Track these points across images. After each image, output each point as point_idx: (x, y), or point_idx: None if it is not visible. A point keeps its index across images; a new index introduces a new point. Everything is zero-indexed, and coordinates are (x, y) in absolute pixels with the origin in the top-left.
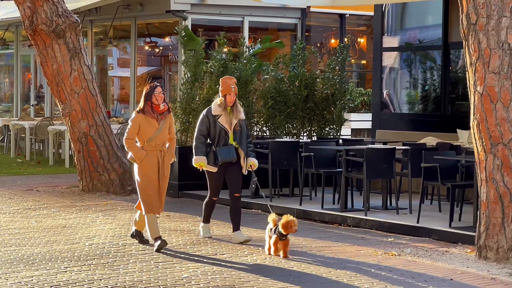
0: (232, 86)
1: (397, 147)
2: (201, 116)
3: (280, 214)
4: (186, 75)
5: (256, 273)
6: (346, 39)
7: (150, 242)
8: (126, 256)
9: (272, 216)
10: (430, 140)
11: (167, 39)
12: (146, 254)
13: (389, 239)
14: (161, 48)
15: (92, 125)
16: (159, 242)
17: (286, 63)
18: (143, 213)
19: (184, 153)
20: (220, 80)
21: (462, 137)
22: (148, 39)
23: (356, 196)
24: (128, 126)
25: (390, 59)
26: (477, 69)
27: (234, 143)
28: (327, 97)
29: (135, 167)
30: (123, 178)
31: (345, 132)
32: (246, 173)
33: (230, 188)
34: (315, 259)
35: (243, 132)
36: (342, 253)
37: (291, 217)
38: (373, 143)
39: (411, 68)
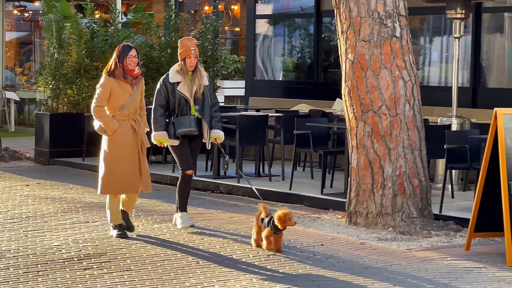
0: (192, 48)
1: (270, 114)
2: (158, 84)
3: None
4: (50, 41)
5: (129, 239)
6: (219, 6)
7: (133, 228)
8: None
9: (262, 205)
10: (303, 107)
11: (36, 3)
12: (14, 222)
13: None
14: (30, 12)
15: None
16: (117, 231)
17: (154, 30)
18: (98, 192)
19: (56, 120)
20: (179, 41)
21: (339, 105)
22: (17, 3)
23: (229, 163)
24: (97, 92)
25: (263, 27)
26: (348, 37)
27: (196, 114)
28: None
29: (104, 139)
30: None
31: (219, 99)
32: (209, 147)
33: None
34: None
35: (206, 101)
36: (215, 220)
37: (286, 209)
38: (246, 110)
39: (284, 35)
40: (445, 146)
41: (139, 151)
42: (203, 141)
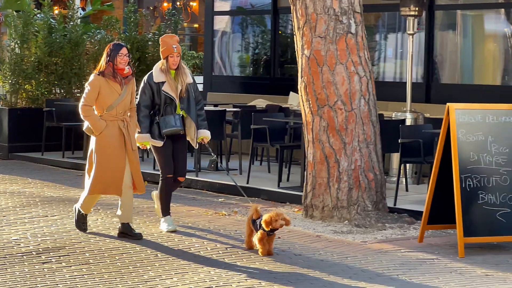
0: (174, 46)
1: (227, 109)
2: (142, 84)
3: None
4: (12, 36)
5: (89, 234)
6: (178, 3)
7: (141, 236)
8: None
9: (254, 206)
10: (260, 102)
11: None
12: None
13: (220, 200)
14: None
15: None
16: (78, 219)
17: (113, 26)
18: (86, 193)
19: (15, 115)
20: (160, 39)
21: (294, 100)
22: None
23: (187, 157)
24: (86, 91)
25: (222, 23)
26: (305, 33)
27: (181, 112)
28: (159, 60)
29: (92, 140)
30: None
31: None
32: (196, 147)
33: (174, 169)
34: (145, 219)
35: (191, 99)
36: (174, 214)
37: (275, 211)
38: (204, 105)
39: (242, 32)
40: (399, 140)
41: (128, 152)
42: (188, 139)
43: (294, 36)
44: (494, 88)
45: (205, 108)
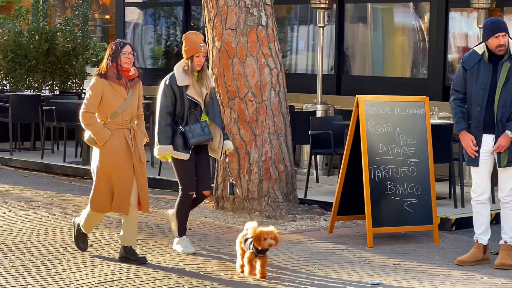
0: (201, 45)
1: None
2: (162, 86)
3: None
4: None
5: None
6: None
7: (145, 260)
8: None
9: (251, 225)
10: None
11: None
12: None
13: None
14: None
15: None
16: (79, 240)
17: (24, 16)
18: (88, 208)
19: None
20: (184, 36)
21: None
22: None
23: None
24: (86, 96)
25: (134, 14)
26: (215, 26)
27: (207, 119)
28: (69, 51)
29: (95, 151)
30: None
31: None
32: (221, 159)
33: (198, 181)
34: (45, 210)
35: (215, 104)
36: (84, 206)
37: (267, 228)
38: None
39: (154, 24)
40: (309, 132)
41: (135, 165)
42: (214, 149)
43: (205, 28)
44: (403, 80)
45: None
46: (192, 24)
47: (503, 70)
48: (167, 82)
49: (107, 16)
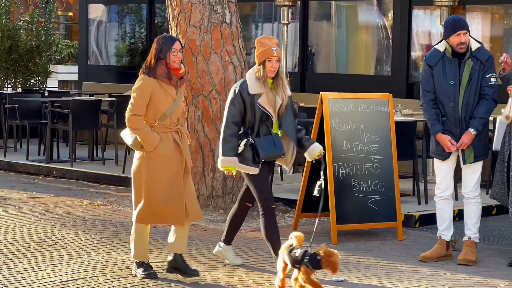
0: (274, 49)
1: (103, 99)
2: (231, 93)
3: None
4: None
5: None
6: None
7: (198, 273)
8: None
9: (297, 235)
10: None
11: None
12: None
13: (95, 189)
14: None
15: None
16: (143, 270)
17: None
18: (134, 219)
19: None
20: (256, 41)
21: None
22: None
23: (62, 147)
24: (133, 96)
25: (98, 12)
26: (179, 23)
27: (278, 132)
28: (32, 49)
29: (139, 156)
30: None
31: (52, 84)
32: (290, 174)
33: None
34: (7, 209)
35: (290, 115)
36: (48, 204)
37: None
38: (79, 95)
39: (118, 21)
40: None
41: (182, 171)
42: (281, 164)
43: (169, 26)
44: (367, 77)
45: (80, 97)
46: (156, 21)
47: (466, 68)
48: (236, 90)
49: (71, 14)
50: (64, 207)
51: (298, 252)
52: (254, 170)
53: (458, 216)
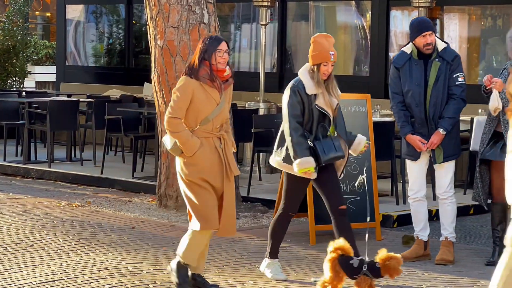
0: (331, 53)
1: (81, 100)
2: (287, 92)
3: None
4: None
5: None
6: None
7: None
8: None
9: (342, 244)
10: (114, 92)
11: None
12: None
13: (73, 190)
14: None
15: None
16: (179, 275)
17: None
18: (194, 227)
19: None
20: (312, 39)
21: (148, 90)
22: None
23: (40, 148)
24: (173, 98)
25: (76, 12)
26: (158, 24)
27: (334, 133)
28: (9, 49)
29: (180, 162)
30: None
31: (30, 84)
32: (341, 177)
33: (329, 198)
34: None
35: (341, 116)
36: (25, 205)
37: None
38: (57, 95)
39: (96, 21)
40: (252, 129)
41: (223, 179)
42: (338, 164)
43: (147, 26)
44: (346, 78)
45: (58, 98)
46: (134, 22)
47: (433, 68)
48: (294, 89)
49: (48, 14)
50: (42, 208)
51: (355, 263)
52: (315, 174)
53: (436, 216)
